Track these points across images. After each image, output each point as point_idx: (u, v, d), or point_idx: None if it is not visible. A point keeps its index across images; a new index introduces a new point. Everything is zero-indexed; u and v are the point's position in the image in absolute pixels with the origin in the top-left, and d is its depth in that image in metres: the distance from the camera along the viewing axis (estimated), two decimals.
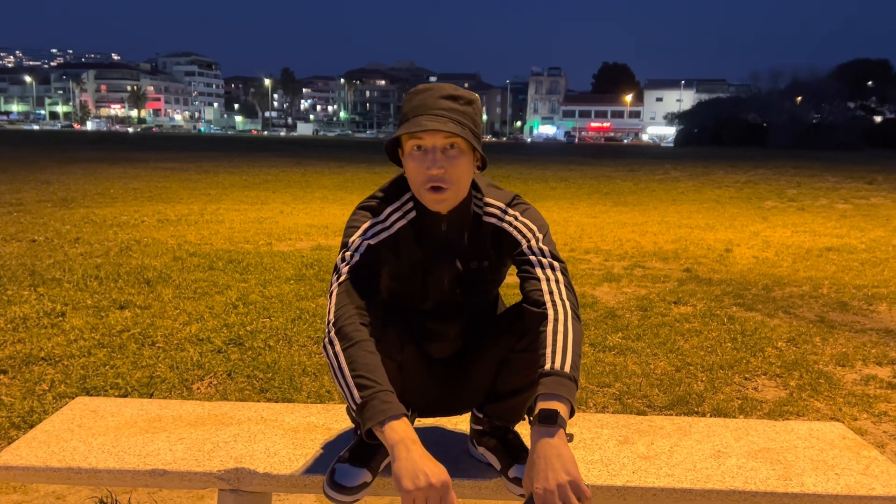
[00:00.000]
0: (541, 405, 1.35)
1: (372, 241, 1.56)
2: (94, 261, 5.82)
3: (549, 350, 1.42)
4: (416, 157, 1.52)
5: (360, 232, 1.58)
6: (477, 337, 1.74)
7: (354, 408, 1.39)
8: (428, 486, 1.27)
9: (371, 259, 1.55)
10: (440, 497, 1.28)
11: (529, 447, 1.35)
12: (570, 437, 1.35)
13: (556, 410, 1.33)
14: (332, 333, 1.45)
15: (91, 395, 2.97)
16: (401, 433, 1.33)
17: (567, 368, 1.38)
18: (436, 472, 1.29)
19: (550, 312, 1.47)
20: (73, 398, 2.14)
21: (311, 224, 8.50)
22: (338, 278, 1.53)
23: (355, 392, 1.39)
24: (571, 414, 1.36)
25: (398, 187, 1.64)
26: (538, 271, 1.54)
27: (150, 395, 3.09)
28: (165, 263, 5.77)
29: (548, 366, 1.39)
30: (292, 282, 5.22)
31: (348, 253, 1.55)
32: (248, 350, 3.68)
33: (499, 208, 1.63)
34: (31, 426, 2.46)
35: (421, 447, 1.32)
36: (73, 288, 4.86)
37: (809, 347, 3.95)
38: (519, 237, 1.59)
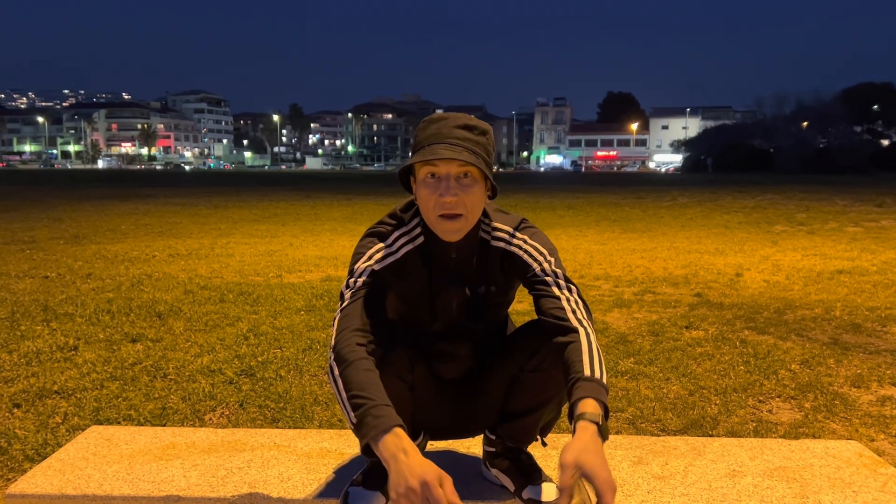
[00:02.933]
0: (579, 407, 1.33)
1: (376, 267, 1.58)
2: (105, 295, 5.86)
3: (585, 359, 1.41)
4: (429, 185, 1.53)
5: (365, 258, 1.59)
6: (487, 357, 1.74)
7: (352, 428, 1.37)
8: (407, 489, 1.23)
9: (375, 283, 1.56)
10: (424, 497, 1.23)
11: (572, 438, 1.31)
12: (604, 436, 1.32)
13: (587, 410, 1.32)
14: (332, 359, 1.45)
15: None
16: (392, 447, 1.28)
17: (604, 380, 1.40)
18: (417, 472, 1.24)
19: (581, 330, 1.48)
20: (86, 430, 2.15)
21: (320, 256, 8.54)
22: (341, 305, 1.54)
23: (351, 413, 1.37)
24: (607, 416, 1.35)
25: (408, 212, 1.66)
26: (556, 290, 1.55)
27: (163, 426, 3.09)
28: (177, 297, 5.79)
29: (587, 372, 1.38)
30: (303, 312, 5.23)
31: (352, 280, 1.57)
32: (260, 380, 3.68)
33: (507, 232, 1.65)
34: (45, 458, 2.47)
35: (414, 455, 1.28)
36: (85, 322, 4.88)
37: (823, 369, 3.92)
38: (530, 260, 1.60)
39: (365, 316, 1.51)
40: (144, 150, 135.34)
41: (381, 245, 1.61)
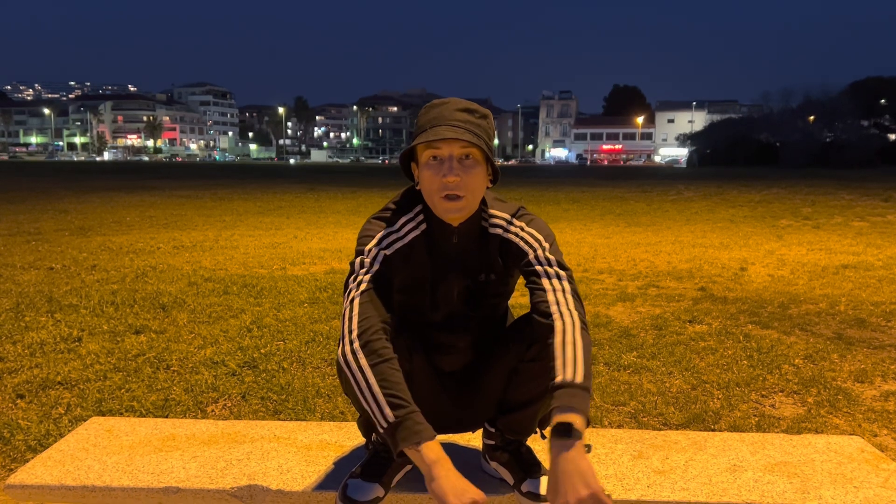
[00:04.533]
0: (556, 418, 1.34)
1: (388, 252, 1.57)
2: (110, 287, 5.87)
3: (559, 362, 1.41)
4: (432, 166, 1.53)
5: (375, 241, 1.58)
6: (487, 348, 1.74)
7: (385, 426, 1.38)
8: (472, 501, 1.31)
9: (386, 269, 1.56)
10: None
11: (549, 462, 1.34)
12: (588, 448, 1.34)
13: (572, 423, 1.32)
14: (357, 345, 1.44)
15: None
16: (437, 453, 1.35)
17: (579, 379, 1.38)
18: (476, 490, 1.33)
19: (558, 324, 1.47)
20: (87, 421, 2.15)
21: (324, 248, 8.54)
22: (358, 286, 1.52)
23: (387, 410, 1.38)
24: (587, 424, 1.35)
25: (410, 199, 1.66)
26: (545, 282, 1.54)
27: (165, 417, 3.10)
28: (181, 289, 5.80)
29: (559, 378, 1.39)
30: (306, 305, 5.23)
31: (367, 259, 1.55)
32: (263, 372, 3.69)
33: (504, 219, 1.64)
34: (46, 449, 2.48)
35: (453, 471, 1.35)
36: (89, 314, 4.89)
37: (827, 364, 3.90)
38: (525, 247, 1.60)
39: (385, 306, 1.52)
40: (150, 142, 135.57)
41: (389, 229, 1.60)
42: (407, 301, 1.68)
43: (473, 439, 1.90)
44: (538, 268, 1.56)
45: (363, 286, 1.52)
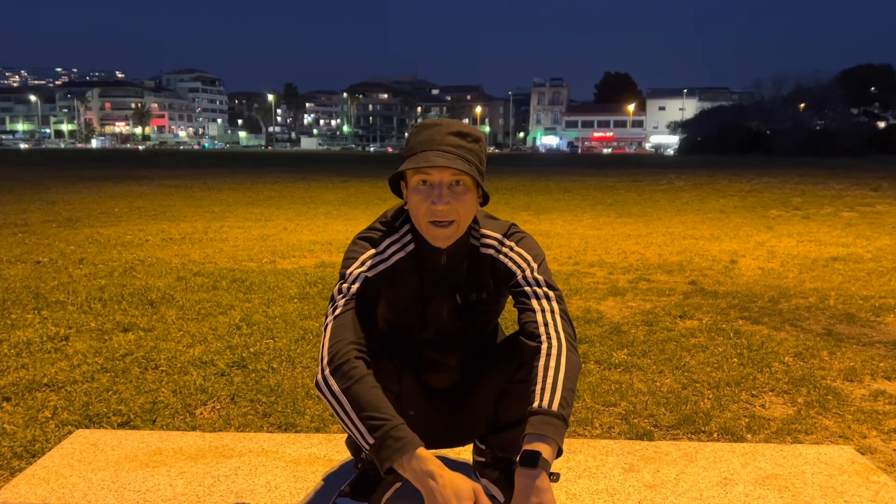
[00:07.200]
0: (525, 446, 1.33)
1: (369, 274, 1.55)
2: (98, 282, 5.82)
3: (538, 387, 1.40)
4: (421, 192, 1.50)
5: (357, 263, 1.56)
6: (476, 367, 1.72)
7: (368, 448, 1.36)
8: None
9: (367, 291, 1.54)
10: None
11: (514, 489, 1.33)
12: (556, 478, 1.33)
13: (539, 452, 1.31)
14: (328, 372, 1.42)
15: (93, 423, 2.96)
16: (429, 463, 1.31)
17: (555, 406, 1.37)
18: (450, 493, 1.29)
19: (544, 346, 1.46)
20: (76, 426, 2.13)
21: (314, 241, 8.49)
22: (333, 311, 1.51)
23: (367, 434, 1.36)
24: (559, 454, 1.34)
25: (399, 218, 1.63)
26: (533, 302, 1.53)
27: (153, 422, 3.07)
28: (169, 284, 5.76)
29: (536, 404, 1.38)
30: (296, 301, 5.20)
31: (345, 285, 1.54)
32: (252, 373, 3.66)
33: (496, 239, 1.62)
34: (34, 455, 2.45)
35: (443, 472, 1.32)
36: (76, 311, 4.85)
37: (817, 362, 3.91)
38: (514, 268, 1.58)
39: (359, 327, 1.49)
40: (138, 130, 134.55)
41: (373, 251, 1.58)
42: (397, 321, 1.66)
43: (464, 452, 1.89)
44: (527, 288, 1.55)
45: (338, 310, 1.51)
